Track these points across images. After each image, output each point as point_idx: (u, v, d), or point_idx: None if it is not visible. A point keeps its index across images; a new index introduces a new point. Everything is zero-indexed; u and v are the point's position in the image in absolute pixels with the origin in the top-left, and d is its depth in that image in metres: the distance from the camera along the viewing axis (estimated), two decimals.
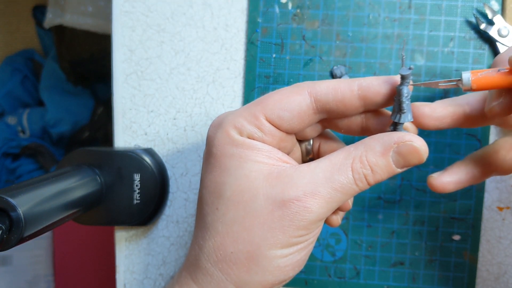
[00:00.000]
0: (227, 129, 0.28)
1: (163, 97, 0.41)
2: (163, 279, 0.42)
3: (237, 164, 0.27)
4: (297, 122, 0.28)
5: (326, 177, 0.26)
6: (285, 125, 0.27)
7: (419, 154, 0.26)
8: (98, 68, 1.15)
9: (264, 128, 0.27)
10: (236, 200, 0.27)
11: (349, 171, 0.26)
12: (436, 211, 0.40)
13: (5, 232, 0.26)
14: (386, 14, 0.39)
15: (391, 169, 0.26)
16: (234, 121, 0.28)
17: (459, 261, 0.40)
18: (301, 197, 0.26)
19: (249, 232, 0.26)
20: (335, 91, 0.27)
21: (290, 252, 0.27)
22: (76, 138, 1.18)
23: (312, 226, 0.26)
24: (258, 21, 0.40)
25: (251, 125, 0.27)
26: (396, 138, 0.26)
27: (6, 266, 1.08)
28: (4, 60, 1.25)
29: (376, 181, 0.27)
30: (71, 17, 1.04)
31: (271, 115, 0.27)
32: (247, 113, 0.28)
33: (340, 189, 0.26)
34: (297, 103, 0.27)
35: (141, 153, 0.38)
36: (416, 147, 0.26)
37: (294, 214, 0.26)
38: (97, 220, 0.38)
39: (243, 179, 0.27)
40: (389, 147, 0.26)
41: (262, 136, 0.27)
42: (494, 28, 0.38)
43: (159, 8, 0.41)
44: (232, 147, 0.27)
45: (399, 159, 0.26)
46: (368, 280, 0.40)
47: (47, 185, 0.31)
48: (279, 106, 0.27)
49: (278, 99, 0.27)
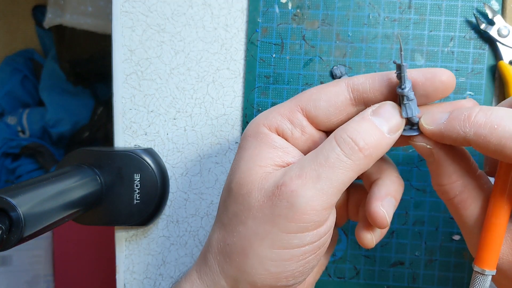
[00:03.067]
0: (258, 120, 0.28)
1: (163, 97, 0.41)
2: (163, 279, 0.42)
3: (248, 157, 0.27)
4: (333, 112, 0.27)
5: (312, 156, 0.25)
6: (321, 115, 0.27)
7: (394, 108, 0.26)
8: (98, 68, 1.15)
9: (295, 120, 0.27)
10: (236, 195, 0.27)
11: (333, 141, 0.25)
12: (436, 211, 0.40)
13: (5, 232, 0.26)
14: (386, 14, 0.39)
15: (378, 131, 0.25)
16: (269, 113, 0.28)
17: (459, 261, 0.40)
18: (287, 182, 0.24)
19: (244, 225, 0.26)
20: (372, 79, 0.27)
21: (282, 257, 0.25)
22: (76, 138, 1.18)
23: (304, 216, 0.24)
24: (258, 21, 0.40)
25: (283, 116, 0.27)
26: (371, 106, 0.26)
27: (6, 266, 1.08)
28: (4, 60, 1.25)
29: (368, 143, 0.25)
30: (71, 17, 1.04)
31: (307, 105, 0.27)
32: (282, 107, 0.27)
33: (325, 163, 0.24)
34: (334, 92, 0.27)
35: (141, 153, 0.38)
36: (389, 102, 0.26)
37: (282, 201, 0.24)
38: (97, 220, 0.38)
39: (247, 172, 0.26)
40: (366, 111, 0.26)
41: (291, 130, 0.27)
42: (494, 28, 0.38)
43: (159, 8, 0.41)
44: (253, 139, 0.27)
45: (380, 120, 0.25)
46: (368, 280, 0.40)
47: (47, 185, 0.31)
48: (315, 97, 0.27)
49: (315, 91, 0.27)
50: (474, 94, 0.39)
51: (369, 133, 0.25)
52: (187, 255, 0.42)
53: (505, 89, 0.38)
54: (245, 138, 0.28)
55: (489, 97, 0.39)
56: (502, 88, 0.39)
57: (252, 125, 0.28)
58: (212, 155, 0.41)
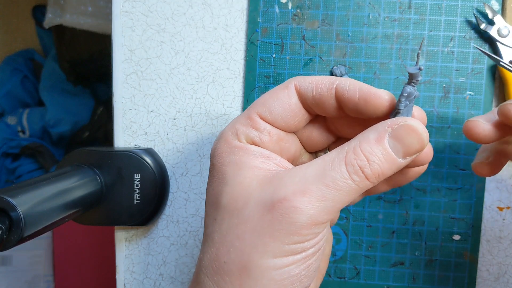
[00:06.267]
0: (225, 137, 0.27)
1: (163, 97, 0.41)
2: (163, 279, 0.42)
3: (233, 171, 0.26)
4: (289, 116, 0.27)
5: (318, 174, 0.24)
6: (279, 120, 0.27)
7: (417, 133, 0.24)
8: (98, 68, 1.15)
9: (258, 126, 0.27)
10: (230, 208, 0.25)
11: (342, 164, 0.24)
12: (436, 211, 0.40)
13: (5, 232, 0.26)
14: (386, 14, 0.39)
15: (390, 158, 0.24)
16: (231, 127, 0.27)
17: (459, 261, 0.40)
18: (290, 196, 0.23)
19: (240, 240, 0.24)
20: (316, 87, 0.26)
21: (285, 264, 0.24)
22: (76, 138, 1.18)
23: (305, 230, 0.24)
24: (258, 21, 0.40)
25: (246, 126, 0.27)
26: (389, 122, 0.24)
27: (6, 266, 1.08)
28: (4, 60, 1.25)
29: (375, 173, 0.24)
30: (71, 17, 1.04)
31: (263, 112, 0.27)
32: (242, 117, 0.27)
33: (332, 185, 0.23)
34: (285, 96, 0.27)
35: (141, 153, 0.38)
36: (412, 125, 0.24)
37: (283, 216, 0.23)
38: (97, 220, 0.38)
39: (237, 186, 0.25)
40: (383, 131, 0.24)
41: (259, 136, 0.27)
42: (494, 28, 0.38)
43: (159, 8, 0.41)
44: (229, 155, 0.26)
45: (396, 145, 0.24)
46: (368, 280, 0.40)
47: (47, 185, 0.31)
48: (269, 102, 0.27)
49: (269, 96, 0.27)
50: (474, 94, 0.39)
51: (380, 162, 0.24)
52: (187, 255, 0.42)
53: (505, 89, 0.38)
54: (219, 155, 0.27)
55: (489, 97, 0.39)
56: (502, 88, 0.39)
57: (220, 143, 0.27)
58: None
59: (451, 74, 0.39)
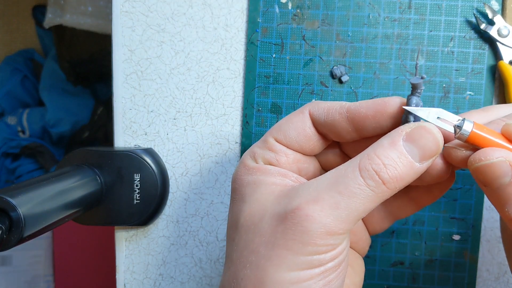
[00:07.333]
0: (244, 161, 0.28)
1: (163, 97, 0.41)
2: (163, 279, 0.42)
3: (251, 191, 0.26)
4: (304, 140, 0.27)
5: (331, 182, 0.23)
6: (294, 144, 0.27)
7: (431, 134, 0.23)
8: (98, 68, 1.15)
9: (275, 148, 0.27)
10: (248, 225, 0.25)
11: (356, 170, 0.23)
12: (436, 211, 0.40)
13: (5, 232, 0.26)
14: (386, 14, 0.39)
15: (407, 161, 0.23)
16: (249, 152, 0.28)
17: (459, 261, 0.40)
18: (302, 205, 0.23)
19: (255, 254, 0.24)
20: (327, 112, 0.26)
21: (302, 278, 0.23)
22: (76, 138, 1.18)
23: (319, 240, 0.22)
24: (258, 21, 0.40)
25: (263, 149, 0.27)
26: (402, 127, 0.24)
27: (6, 266, 1.08)
28: (4, 60, 1.25)
29: (393, 177, 0.23)
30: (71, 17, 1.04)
31: (278, 135, 0.27)
32: (259, 142, 0.28)
33: (345, 192, 0.23)
34: (300, 121, 0.27)
35: (141, 153, 0.38)
36: (426, 126, 0.23)
37: (296, 225, 0.23)
38: (97, 220, 0.38)
39: (254, 203, 0.25)
40: (397, 135, 0.23)
41: (276, 157, 0.27)
42: (494, 28, 0.38)
43: (159, 8, 0.41)
44: (247, 176, 0.27)
45: (412, 148, 0.23)
46: (368, 280, 0.40)
47: (47, 185, 0.31)
48: (284, 127, 0.27)
49: (284, 120, 0.28)
50: (474, 94, 0.39)
51: (396, 165, 0.23)
52: (187, 255, 0.42)
53: (505, 89, 0.38)
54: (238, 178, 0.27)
55: (489, 97, 0.39)
56: (502, 88, 0.39)
57: (239, 167, 0.28)
58: (212, 155, 0.41)
59: (451, 74, 0.39)
